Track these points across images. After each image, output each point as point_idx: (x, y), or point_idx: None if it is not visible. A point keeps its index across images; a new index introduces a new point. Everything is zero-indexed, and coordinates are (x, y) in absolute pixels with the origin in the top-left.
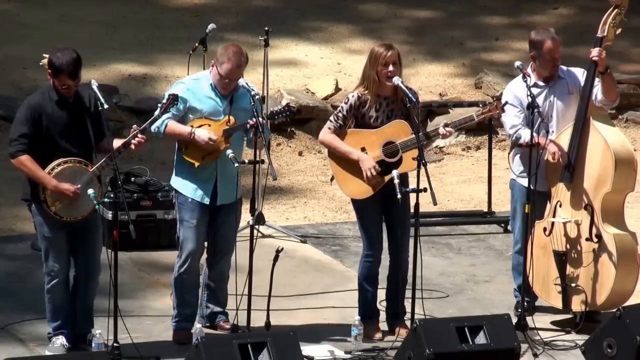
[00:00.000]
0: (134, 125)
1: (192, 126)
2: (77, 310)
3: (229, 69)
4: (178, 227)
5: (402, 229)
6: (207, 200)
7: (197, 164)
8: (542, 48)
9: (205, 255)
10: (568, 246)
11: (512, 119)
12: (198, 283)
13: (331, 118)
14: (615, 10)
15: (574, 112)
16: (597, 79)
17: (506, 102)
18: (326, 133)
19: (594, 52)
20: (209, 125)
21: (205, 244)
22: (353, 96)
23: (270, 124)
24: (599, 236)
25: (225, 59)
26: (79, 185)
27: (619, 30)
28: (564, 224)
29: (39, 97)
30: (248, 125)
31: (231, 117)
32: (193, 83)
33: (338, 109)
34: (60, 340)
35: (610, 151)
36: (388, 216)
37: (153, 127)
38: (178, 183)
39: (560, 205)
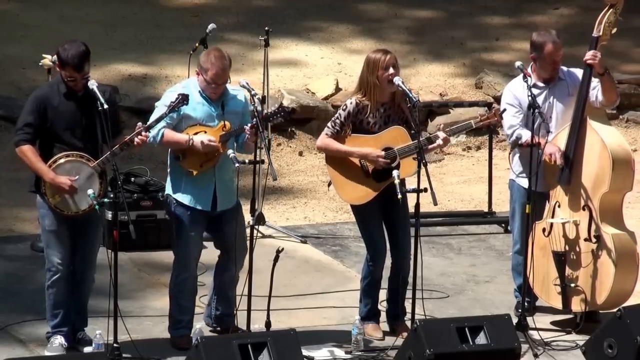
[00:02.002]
0: (139, 123)
1: (188, 134)
2: (72, 307)
3: (215, 74)
4: (175, 235)
5: (402, 230)
6: (208, 208)
7: (195, 172)
8: (543, 51)
9: (211, 261)
10: (567, 247)
11: (510, 119)
12: (196, 289)
13: (329, 124)
14: (611, 10)
15: None
16: (595, 80)
17: (504, 110)
18: (324, 138)
19: (588, 54)
20: (205, 132)
21: (206, 248)
22: (351, 103)
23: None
24: (598, 236)
25: (209, 65)
26: (77, 178)
27: (614, 30)
28: (563, 224)
29: (47, 89)
30: (246, 129)
31: (226, 123)
32: (184, 91)
33: (336, 115)
34: (59, 340)
35: (607, 151)
36: (388, 218)
37: (149, 137)
38: (176, 193)
39: (559, 206)
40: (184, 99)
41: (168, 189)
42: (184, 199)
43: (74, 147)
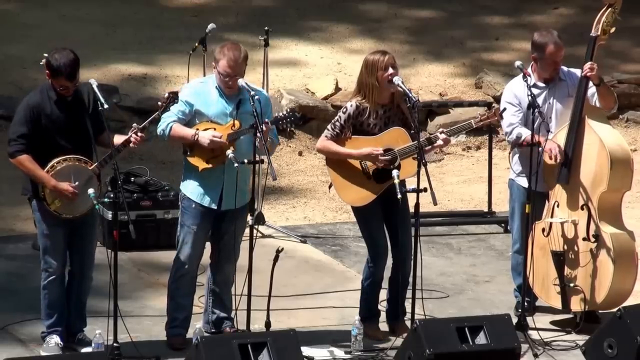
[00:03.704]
0: (134, 124)
1: (197, 129)
2: (71, 307)
3: (226, 65)
4: (179, 229)
5: (403, 231)
6: (214, 205)
7: (201, 167)
8: (544, 51)
9: (209, 261)
10: (566, 246)
11: (510, 117)
12: (194, 288)
13: (329, 127)
14: (609, 10)
15: None
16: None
17: (504, 109)
18: (324, 141)
19: (586, 67)
20: (214, 129)
21: (209, 248)
22: (352, 105)
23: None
24: (597, 236)
25: (221, 55)
26: (77, 184)
27: (612, 30)
28: (562, 224)
29: (37, 96)
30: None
31: (236, 122)
32: (200, 86)
33: (336, 117)
34: (55, 340)
35: (606, 150)
36: (389, 218)
37: (158, 130)
38: (186, 187)
39: (558, 206)
40: (173, 97)
41: (181, 184)
42: (192, 194)
43: (69, 151)
